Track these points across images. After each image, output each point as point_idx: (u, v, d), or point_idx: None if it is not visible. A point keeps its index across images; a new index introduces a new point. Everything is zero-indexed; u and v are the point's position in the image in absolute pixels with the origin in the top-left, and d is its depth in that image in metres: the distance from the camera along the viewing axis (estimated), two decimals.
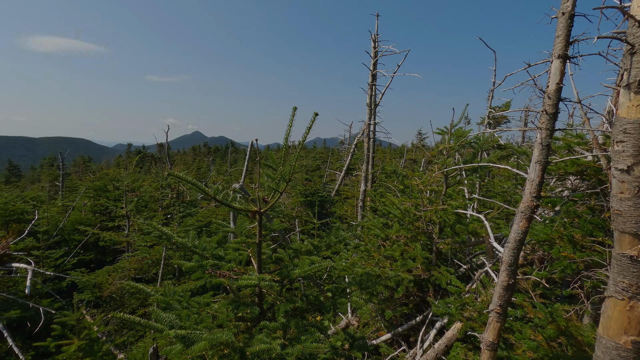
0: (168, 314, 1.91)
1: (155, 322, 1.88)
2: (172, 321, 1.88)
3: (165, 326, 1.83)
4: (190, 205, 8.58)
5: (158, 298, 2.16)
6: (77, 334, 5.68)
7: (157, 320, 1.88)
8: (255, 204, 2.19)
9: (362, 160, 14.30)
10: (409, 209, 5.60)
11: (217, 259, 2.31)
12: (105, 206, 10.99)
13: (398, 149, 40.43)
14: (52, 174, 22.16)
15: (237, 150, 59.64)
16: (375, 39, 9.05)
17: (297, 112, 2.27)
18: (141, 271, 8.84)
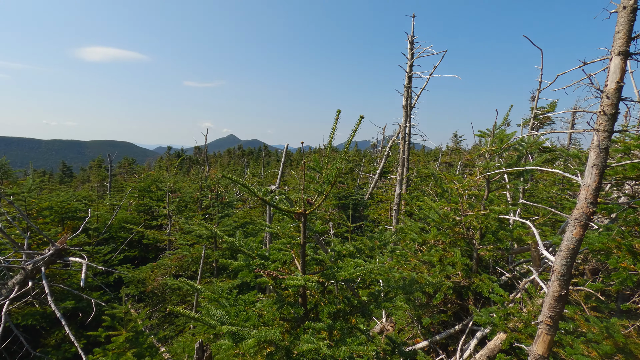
0: (219, 310, 2.00)
1: (207, 317, 1.96)
2: (223, 317, 1.95)
3: (217, 322, 1.91)
4: (227, 206, 8.85)
5: (208, 295, 2.25)
6: (124, 325, 6.03)
7: (209, 315, 1.97)
8: (299, 205, 2.24)
9: (396, 163, 14.08)
10: (448, 214, 5.45)
11: (263, 259, 2.38)
12: (149, 206, 11.59)
13: (432, 152, 39.44)
14: (100, 175, 23.68)
15: (269, 153, 60.80)
16: (411, 41, 8.92)
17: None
18: (181, 268, 9.23)
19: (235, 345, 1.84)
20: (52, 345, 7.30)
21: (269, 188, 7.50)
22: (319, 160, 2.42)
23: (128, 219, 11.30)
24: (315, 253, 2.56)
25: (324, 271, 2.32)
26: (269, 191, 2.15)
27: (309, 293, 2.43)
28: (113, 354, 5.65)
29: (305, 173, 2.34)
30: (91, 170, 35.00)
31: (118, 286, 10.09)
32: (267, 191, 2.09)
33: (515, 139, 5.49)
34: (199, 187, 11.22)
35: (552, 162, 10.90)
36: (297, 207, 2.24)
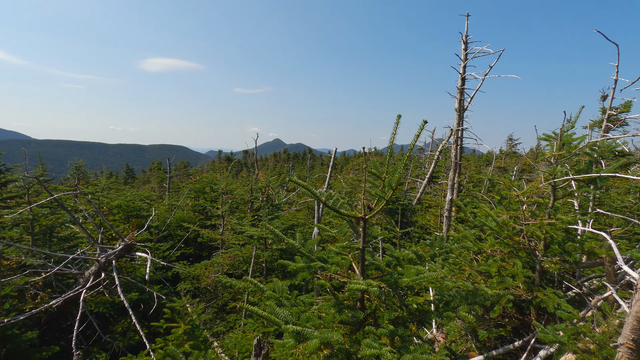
0: (282, 309, 2.07)
1: (272, 316, 2.04)
2: (287, 317, 2.02)
3: (281, 320, 1.98)
4: (276, 208, 9.09)
5: (270, 294, 2.34)
6: (182, 319, 6.43)
7: (273, 314, 2.04)
8: (358, 210, 2.25)
9: (446, 168, 13.57)
10: (507, 222, 5.14)
11: (323, 262, 2.42)
12: (204, 206, 12.26)
13: (483, 156, 37.48)
14: (159, 176, 25.44)
15: (313, 156, 61.55)
16: (465, 41, 8.57)
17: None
18: (233, 267, 9.63)
19: (298, 344, 1.89)
20: (119, 332, 7.94)
21: (320, 190, 7.59)
22: (377, 164, 2.42)
23: (185, 218, 12.03)
24: (372, 258, 2.56)
25: (383, 276, 2.30)
26: (331, 195, 2.19)
27: (367, 297, 2.43)
28: (172, 344, 6.04)
29: (366, 178, 2.34)
30: (151, 172, 37.79)
31: (175, 281, 10.78)
32: (330, 195, 2.13)
33: (585, 143, 5.06)
34: (250, 190, 11.67)
35: (627, 168, 9.86)
36: (357, 211, 2.26)
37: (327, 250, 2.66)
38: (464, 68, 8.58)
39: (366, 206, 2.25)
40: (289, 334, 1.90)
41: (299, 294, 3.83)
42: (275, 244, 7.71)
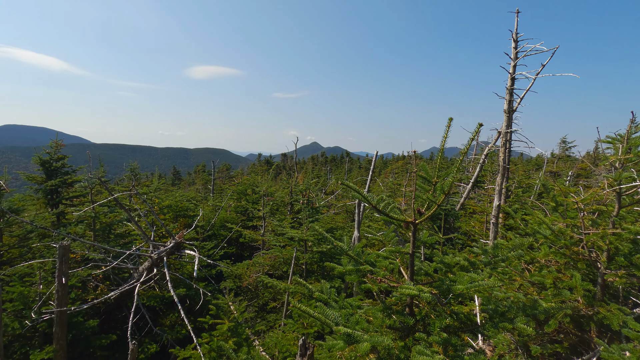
0: (332, 311, 2.09)
1: (322, 316, 2.07)
2: (336, 318, 2.04)
3: (332, 322, 2.00)
4: (316, 211, 9.17)
5: (319, 296, 2.37)
6: (226, 316, 6.67)
7: (323, 315, 2.07)
8: (408, 214, 2.22)
9: (492, 172, 12.95)
10: (564, 231, 4.81)
11: (371, 265, 2.42)
12: (245, 208, 12.66)
13: (533, 160, 35.31)
14: (204, 178, 26.62)
15: (351, 159, 61.35)
16: (515, 39, 8.14)
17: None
18: (273, 268, 9.84)
19: (347, 346, 1.89)
20: (167, 325, 8.39)
21: None
22: (427, 168, 2.37)
23: (228, 219, 12.49)
24: (421, 263, 2.51)
25: (433, 282, 2.25)
26: (382, 199, 2.19)
27: (416, 304, 2.39)
28: (217, 340, 6.29)
29: (416, 182, 2.31)
30: (196, 174, 39.68)
31: (218, 279, 11.21)
32: (381, 199, 2.13)
33: None
34: (290, 192, 11.88)
35: None
36: (407, 216, 2.23)
37: (374, 254, 2.65)
38: (514, 67, 8.15)
39: (416, 210, 2.22)
40: (339, 336, 1.91)
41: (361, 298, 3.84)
42: (315, 246, 7.77)
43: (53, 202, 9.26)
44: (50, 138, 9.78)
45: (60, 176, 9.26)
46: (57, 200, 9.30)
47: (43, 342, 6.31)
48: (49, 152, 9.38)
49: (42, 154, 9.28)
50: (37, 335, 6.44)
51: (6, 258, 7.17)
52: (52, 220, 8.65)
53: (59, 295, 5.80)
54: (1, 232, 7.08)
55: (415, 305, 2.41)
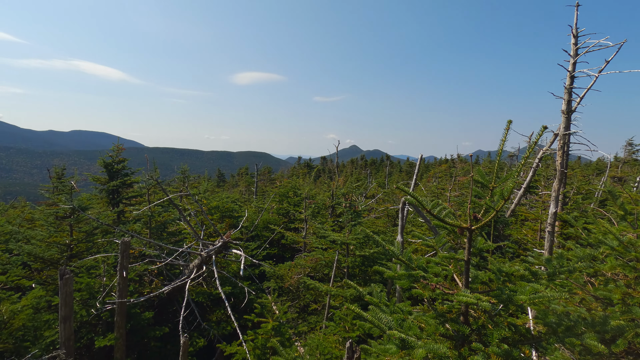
0: (384, 315, 2.09)
1: (376, 320, 2.07)
2: (389, 322, 2.03)
3: (385, 326, 2.00)
4: (358, 215, 9.12)
5: (369, 299, 2.38)
6: (271, 315, 6.84)
7: (376, 318, 2.07)
8: (463, 220, 2.16)
9: (547, 177, 12.12)
10: (635, 242, 4.38)
11: (423, 271, 2.37)
12: (287, 210, 12.91)
13: (592, 164, 32.54)
14: (247, 181, 27.52)
15: (392, 163, 60.34)
16: (575, 34, 7.58)
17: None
18: (314, 270, 9.93)
19: (400, 351, 1.88)
20: (213, 321, 8.75)
21: (402, 200, 7.43)
22: (483, 172, 2.29)
23: (270, 221, 12.81)
24: (475, 271, 2.42)
25: (490, 292, 2.15)
26: (438, 204, 2.14)
27: (471, 312, 2.30)
28: (262, 338, 6.47)
29: (472, 187, 2.23)
30: (239, 177, 41.13)
31: (260, 279, 11.51)
32: (436, 204, 2.09)
33: None
34: (331, 195, 11.95)
35: None
36: (462, 221, 2.17)
37: (425, 260, 2.60)
38: (574, 65, 7.57)
39: (472, 216, 2.15)
40: (392, 341, 1.90)
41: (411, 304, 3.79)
42: (357, 249, 7.74)
43: (114, 201, 10.07)
44: (113, 142, 10.64)
45: (120, 177, 10.05)
46: (118, 200, 10.10)
47: (106, 329, 6.86)
48: (111, 156, 10.22)
49: (106, 157, 10.13)
50: (100, 323, 7.02)
51: (75, 251, 7.89)
52: (113, 218, 9.39)
53: (120, 288, 6.28)
54: (71, 228, 7.80)
55: (476, 315, 2.33)
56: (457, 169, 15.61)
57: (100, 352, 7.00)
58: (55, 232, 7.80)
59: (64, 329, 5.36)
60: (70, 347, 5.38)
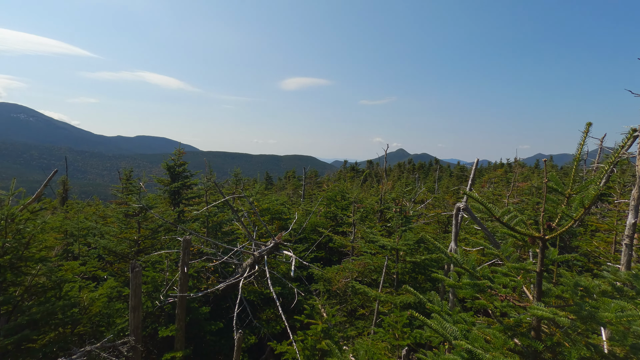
0: (449, 324, 2.03)
1: (440, 329, 2.02)
2: (454, 332, 1.97)
3: (450, 336, 1.95)
4: (408, 220, 8.91)
5: (430, 307, 2.32)
6: (320, 317, 6.91)
7: (441, 327, 2.02)
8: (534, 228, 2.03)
9: (623, 184, 10.95)
10: None
11: (489, 281, 2.27)
12: (335, 213, 12.97)
13: None
14: (294, 184, 28.08)
15: (441, 167, 58.12)
16: None
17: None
18: (362, 275, 9.86)
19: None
20: (264, 320, 9.03)
21: (457, 206, 7.13)
22: (557, 178, 2.14)
23: (318, 224, 12.95)
24: (547, 283, 2.26)
25: (566, 307, 2.00)
26: (509, 210, 2.05)
27: (545, 328, 2.15)
28: (311, 339, 6.55)
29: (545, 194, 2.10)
30: (287, 180, 42.11)
31: (308, 281, 11.67)
32: (507, 211, 2.00)
33: None
34: (379, 200, 11.81)
35: None
36: (534, 230, 2.04)
37: (489, 269, 2.48)
38: None
39: (545, 225, 2.02)
40: (457, 351, 1.84)
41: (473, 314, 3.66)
42: (408, 256, 7.56)
43: (175, 201, 10.82)
44: (174, 147, 11.45)
45: (181, 179, 10.78)
46: (178, 200, 10.84)
47: (167, 321, 7.38)
48: (173, 159, 11.01)
49: (168, 160, 10.93)
50: (163, 315, 7.57)
51: (142, 247, 8.59)
52: (174, 217, 10.10)
53: (181, 282, 6.73)
54: (139, 225, 8.51)
55: (550, 331, 2.18)
56: (516, 174, 14.63)
57: (162, 341, 7.54)
58: (125, 229, 8.57)
59: (133, 318, 5.85)
60: (138, 335, 5.86)
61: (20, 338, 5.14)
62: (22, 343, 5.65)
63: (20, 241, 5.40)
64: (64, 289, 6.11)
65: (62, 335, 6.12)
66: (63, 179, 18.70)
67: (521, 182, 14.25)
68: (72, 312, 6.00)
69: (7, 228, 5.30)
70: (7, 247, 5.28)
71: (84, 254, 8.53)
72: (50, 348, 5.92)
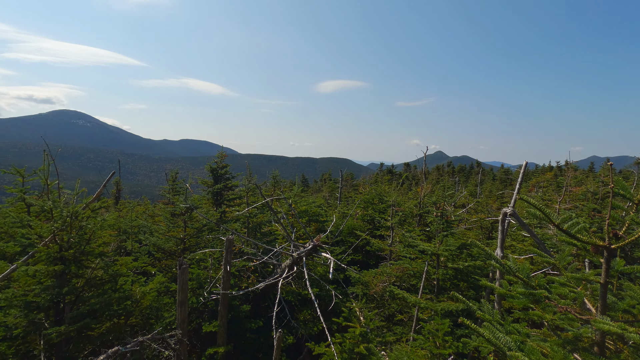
0: (502, 334, 1.95)
1: (493, 338, 1.95)
2: (508, 343, 1.89)
3: (504, 346, 1.87)
4: (449, 225, 8.63)
5: (482, 315, 2.24)
6: (359, 321, 6.88)
7: (494, 337, 1.95)
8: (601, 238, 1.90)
9: None
10: None
11: (547, 291, 2.15)
12: (372, 216, 12.85)
13: None
14: (330, 186, 28.16)
15: (483, 170, 55.64)
16: None
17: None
18: (400, 280, 9.67)
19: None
20: (301, 321, 9.12)
21: (503, 211, 6.81)
22: (623, 183, 1.98)
23: (355, 227, 12.89)
24: (612, 296, 2.09)
25: (635, 322, 1.85)
26: (570, 217, 1.93)
27: (610, 344, 2.00)
28: (349, 342, 6.54)
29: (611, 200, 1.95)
30: (323, 182, 42.34)
31: (344, 284, 11.64)
32: (568, 217, 1.89)
33: None
34: (418, 203, 11.54)
35: None
36: (599, 239, 1.91)
37: (545, 279, 2.35)
38: None
39: (611, 233, 1.88)
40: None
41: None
42: (450, 262, 7.32)
43: (217, 202, 11.26)
44: (217, 150, 11.93)
45: (223, 181, 11.21)
46: (220, 201, 11.27)
47: (211, 317, 7.69)
48: (216, 162, 11.47)
49: (212, 163, 11.41)
50: (206, 311, 7.89)
51: (187, 245, 9.03)
52: (217, 217, 10.51)
53: (224, 280, 6.99)
54: (185, 224, 8.96)
55: (616, 348, 2.02)
56: (568, 177, 13.67)
57: (205, 336, 7.86)
58: (172, 227, 9.06)
59: (180, 312, 6.16)
60: (184, 329, 6.16)
61: (82, 326, 5.59)
62: (83, 330, 6.15)
63: (82, 237, 5.88)
64: (119, 282, 6.57)
65: (116, 326, 6.58)
66: (116, 180, 20.13)
67: (574, 186, 13.28)
68: (125, 304, 6.44)
69: (72, 224, 5.80)
70: (72, 241, 5.78)
71: (135, 250, 9.12)
72: (107, 337, 6.39)
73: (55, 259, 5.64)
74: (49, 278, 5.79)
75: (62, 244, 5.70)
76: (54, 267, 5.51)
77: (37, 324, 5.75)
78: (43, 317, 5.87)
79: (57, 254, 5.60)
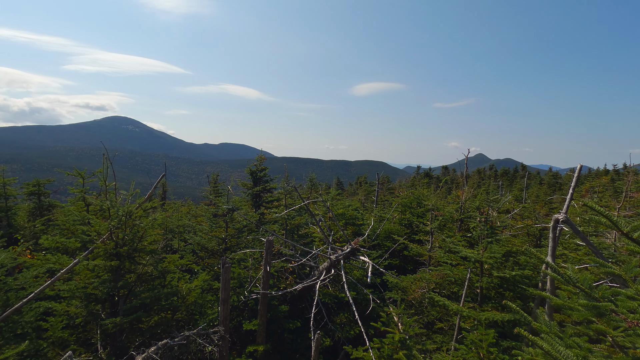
0: (562, 348, 1.84)
1: (554, 351, 1.85)
2: (569, 357, 1.79)
3: (562, 358, 1.77)
4: (493, 231, 8.25)
5: (538, 326, 2.14)
6: (397, 326, 6.75)
7: (554, 350, 1.85)
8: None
9: None
10: None
11: (613, 304, 2.01)
12: (410, 221, 12.58)
13: None
14: (366, 189, 27.94)
15: (529, 174, 52.55)
16: None
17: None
18: (440, 286, 9.37)
19: None
20: (338, 324, 9.11)
21: (554, 217, 6.41)
22: None
23: (392, 231, 12.69)
24: None
25: None
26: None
27: None
28: (388, 348, 6.43)
29: None
30: (358, 185, 42.10)
31: (382, 288, 11.47)
32: (637, 226, 1.75)
33: None
34: (459, 208, 11.14)
35: None
36: None
37: (608, 291, 2.19)
38: None
39: None
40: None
41: None
42: (495, 270, 7.00)
43: (257, 204, 11.57)
44: (256, 153, 12.27)
45: (262, 184, 11.50)
46: (259, 203, 11.57)
47: (251, 315, 7.90)
48: (255, 165, 11.80)
49: (251, 166, 11.76)
50: (247, 310, 8.12)
51: (228, 245, 9.35)
52: (256, 218, 10.80)
53: (263, 280, 7.16)
54: (226, 225, 9.29)
55: None
56: (629, 182, 12.54)
57: (245, 334, 8.08)
58: (215, 228, 9.43)
59: (222, 310, 6.39)
60: (226, 326, 6.38)
61: (135, 318, 5.97)
62: (134, 323, 6.56)
63: (135, 234, 6.29)
64: (167, 278, 6.94)
65: (164, 320, 6.95)
66: (163, 181, 21.30)
67: (635, 192, 12.16)
68: (172, 299, 6.79)
69: (127, 223, 6.23)
70: (126, 239, 6.20)
71: (181, 249, 9.60)
72: (156, 330, 6.77)
73: (112, 255, 6.08)
74: (105, 272, 6.25)
75: (117, 240, 6.14)
76: (111, 263, 5.94)
77: (95, 315, 6.23)
78: (100, 309, 6.36)
79: (113, 250, 6.04)
